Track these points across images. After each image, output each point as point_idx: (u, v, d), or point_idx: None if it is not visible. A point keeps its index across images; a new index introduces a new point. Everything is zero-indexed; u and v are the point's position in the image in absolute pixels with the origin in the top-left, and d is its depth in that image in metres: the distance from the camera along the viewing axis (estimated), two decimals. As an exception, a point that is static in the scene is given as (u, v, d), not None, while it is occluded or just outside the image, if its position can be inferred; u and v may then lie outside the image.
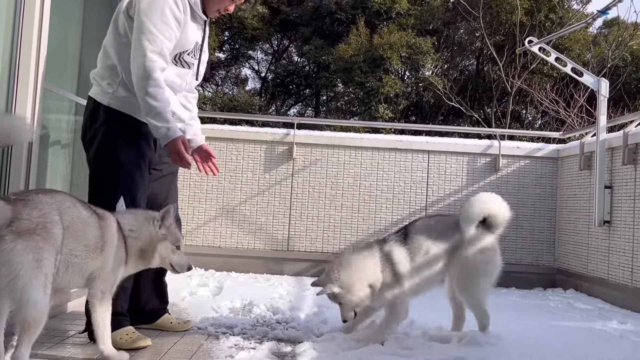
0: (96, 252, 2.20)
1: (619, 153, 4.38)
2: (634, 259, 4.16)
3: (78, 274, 2.16)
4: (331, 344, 2.69)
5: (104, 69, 2.67)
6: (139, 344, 2.57)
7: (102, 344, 2.30)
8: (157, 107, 2.48)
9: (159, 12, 2.51)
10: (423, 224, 2.97)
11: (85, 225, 2.15)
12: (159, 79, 2.49)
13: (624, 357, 2.71)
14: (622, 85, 12.99)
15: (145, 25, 2.48)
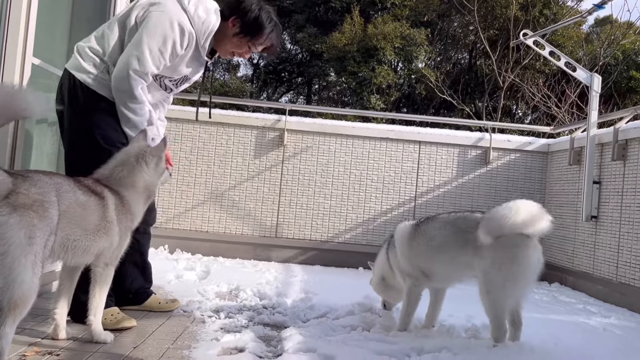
0: (99, 233, 2.15)
1: (609, 149, 4.41)
2: (619, 254, 4.20)
3: (82, 254, 2.13)
4: (317, 329, 2.69)
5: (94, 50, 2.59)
6: (123, 324, 2.56)
7: (93, 316, 2.28)
8: (134, 120, 2.54)
9: (161, 39, 2.52)
10: (442, 217, 2.82)
11: (84, 209, 2.09)
12: (140, 96, 2.53)
13: (607, 350, 2.74)
14: (612, 83, 13.07)
15: (142, 45, 2.49)
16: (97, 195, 2.18)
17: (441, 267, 2.75)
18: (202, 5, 2.67)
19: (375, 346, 2.43)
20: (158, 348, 2.32)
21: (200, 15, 2.63)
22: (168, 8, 2.55)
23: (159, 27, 2.51)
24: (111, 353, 2.20)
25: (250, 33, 2.77)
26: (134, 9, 2.62)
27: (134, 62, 2.48)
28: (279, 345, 2.46)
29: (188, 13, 2.59)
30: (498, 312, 2.55)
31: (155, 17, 2.53)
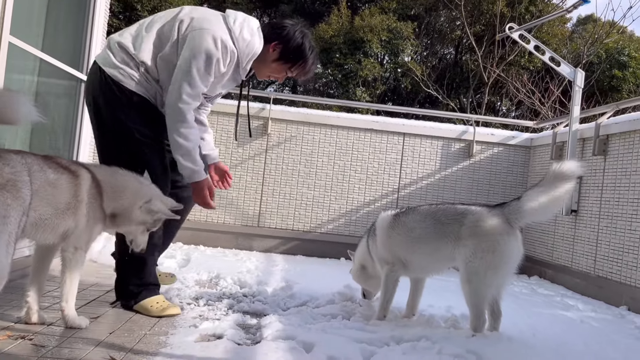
0: (68, 212, 2.12)
1: (590, 144, 4.45)
2: (597, 248, 4.25)
3: (50, 232, 2.10)
4: (297, 317, 2.67)
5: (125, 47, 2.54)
6: (168, 311, 2.59)
7: (65, 302, 2.24)
8: (186, 146, 2.52)
9: (206, 62, 2.48)
10: (424, 209, 2.82)
11: (55, 188, 2.07)
12: (191, 120, 2.53)
13: (583, 341, 2.76)
14: (595, 81, 13.23)
15: (191, 68, 2.47)
16: (70, 173, 2.15)
17: (420, 258, 2.76)
18: (247, 25, 2.61)
19: (354, 334, 2.42)
20: (135, 334, 2.29)
21: (245, 37, 2.59)
22: (212, 26, 2.51)
23: (204, 46, 2.47)
24: (86, 338, 2.16)
25: (291, 61, 2.73)
26: (176, 21, 2.55)
27: (186, 87, 2.48)
28: (257, 333, 2.44)
29: (233, 33, 2.55)
30: (478, 302, 2.57)
31: (200, 35, 2.48)
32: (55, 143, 3.75)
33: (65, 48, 3.70)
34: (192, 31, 2.49)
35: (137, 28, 2.61)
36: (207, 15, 2.58)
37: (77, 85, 3.78)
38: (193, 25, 2.51)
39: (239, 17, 2.62)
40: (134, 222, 2.36)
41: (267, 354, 2.08)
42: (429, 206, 2.84)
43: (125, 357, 1.98)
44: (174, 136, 2.51)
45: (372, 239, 2.91)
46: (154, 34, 2.55)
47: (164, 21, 2.58)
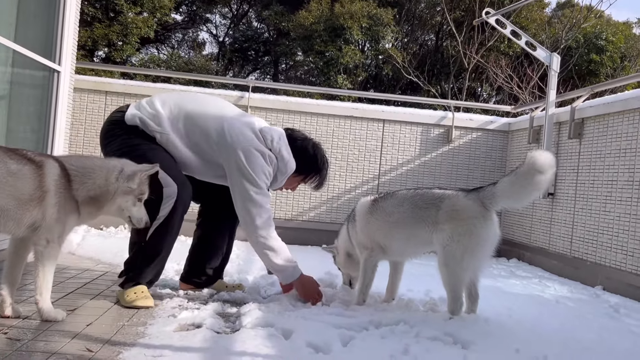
0: (32, 203, 2.10)
1: (566, 127, 4.51)
2: (573, 229, 4.33)
3: (13, 223, 2.08)
4: (276, 305, 2.68)
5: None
6: (137, 303, 2.56)
7: (39, 295, 2.21)
8: (274, 259, 2.71)
9: (260, 171, 2.65)
10: (401, 194, 2.84)
11: (17, 178, 2.06)
12: (273, 237, 2.71)
13: (558, 320, 2.83)
14: (573, 66, 13.37)
15: (255, 181, 2.64)
16: (34, 164, 2.12)
17: (399, 242, 2.78)
18: (284, 144, 2.75)
19: (333, 320, 2.44)
20: (113, 325, 2.28)
21: (284, 156, 2.75)
22: (258, 146, 2.67)
23: (258, 160, 2.64)
24: (63, 331, 2.14)
25: (305, 173, 2.89)
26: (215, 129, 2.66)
27: (254, 210, 2.64)
28: (237, 321, 2.44)
29: (274, 152, 2.72)
30: (455, 285, 2.60)
31: (250, 154, 2.63)
32: (30, 133, 3.69)
33: (38, 38, 3.62)
34: (241, 150, 2.63)
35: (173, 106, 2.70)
36: (247, 133, 2.68)
37: (50, 75, 3.72)
38: (240, 141, 2.64)
39: (274, 135, 2.75)
40: (117, 197, 2.30)
41: (245, 341, 2.09)
42: (406, 191, 2.86)
43: (102, 348, 1.98)
44: (263, 255, 2.71)
45: (352, 225, 2.93)
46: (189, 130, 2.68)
47: (204, 129, 2.68)
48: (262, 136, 2.72)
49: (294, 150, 2.81)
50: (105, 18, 14.37)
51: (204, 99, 2.86)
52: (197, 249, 3.02)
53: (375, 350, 2.09)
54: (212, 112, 2.75)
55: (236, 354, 1.94)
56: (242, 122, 2.75)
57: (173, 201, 2.61)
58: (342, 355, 2.02)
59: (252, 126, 2.74)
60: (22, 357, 1.84)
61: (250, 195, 2.64)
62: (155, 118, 2.66)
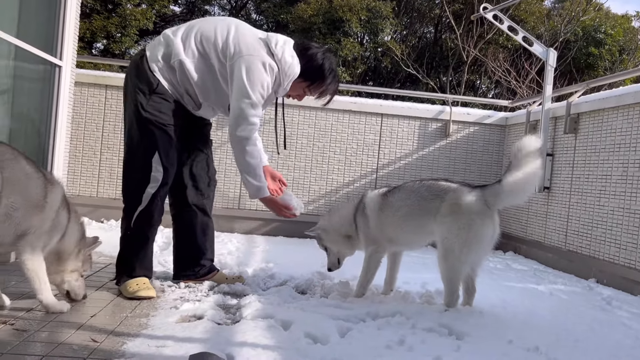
0: (36, 209, 2.17)
1: (562, 122, 4.56)
2: (568, 223, 4.39)
3: (12, 227, 2.13)
4: (276, 296, 2.74)
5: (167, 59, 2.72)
6: (140, 293, 2.64)
7: (41, 295, 2.26)
8: (252, 164, 2.71)
9: (259, 84, 2.65)
10: (408, 186, 2.89)
11: (29, 179, 2.12)
12: (255, 139, 2.70)
13: (551, 312, 2.89)
14: (571, 59, 13.38)
15: (249, 92, 2.63)
16: (46, 179, 2.23)
17: (407, 234, 2.85)
18: (288, 48, 2.75)
19: (331, 312, 2.50)
20: (116, 316, 2.34)
21: (287, 60, 2.73)
22: (259, 52, 2.67)
23: (256, 72, 2.64)
24: (68, 322, 2.20)
25: (310, 79, 2.85)
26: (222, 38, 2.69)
27: (250, 110, 2.64)
28: (237, 313, 2.50)
29: (276, 56, 2.70)
30: (453, 278, 2.66)
31: (249, 61, 2.64)
32: (33, 127, 3.72)
33: (39, 33, 3.65)
34: (241, 57, 2.65)
35: (185, 30, 2.76)
36: (252, 40, 2.70)
37: (52, 70, 3.74)
38: (241, 50, 2.66)
39: (280, 40, 2.76)
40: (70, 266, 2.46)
41: (245, 332, 2.15)
42: (413, 183, 2.91)
43: (107, 339, 2.03)
44: (242, 156, 2.70)
45: (363, 218, 2.93)
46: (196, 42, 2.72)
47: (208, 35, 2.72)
48: (267, 41, 2.73)
49: (302, 56, 2.79)
50: (104, 10, 14.33)
51: (217, 17, 2.91)
52: (181, 243, 3.05)
53: (372, 340, 2.15)
54: (221, 23, 2.79)
55: (237, 345, 1.99)
56: (249, 31, 2.78)
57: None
58: (340, 345, 2.08)
59: (257, 34, 2.77)
60: (29, 347, 1.90)
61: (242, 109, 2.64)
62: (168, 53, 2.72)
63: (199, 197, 3.00)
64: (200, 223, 3.02)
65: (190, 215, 3.00)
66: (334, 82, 2.90)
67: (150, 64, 2.73)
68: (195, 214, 3.00)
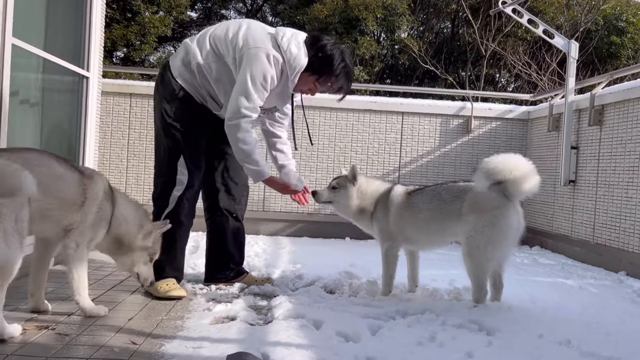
0: (74, 207, 2.24)
1: (586, 114, 4.51)
2: (595, 216, 4.35)
3: (54, 224, 2.23)
4: (305, 296, 2.79)
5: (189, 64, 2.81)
6: (172, 293, 2.75)
7: (78, 295, 2.35)
8: (246, 150, 2.74)
9: (261, 75, 2.67)
10: (430, 189, 2.90)
11: (61, 181, 2.20)
12: (247, 126, 2.72)
13: (581, 306, 2.88)
14: (593, 49, 13.17)
15: (248, 84, 2.66)
16: (83, 175, 2.30)
17: (428, 236, 2.87)
18: (295, 40, 2.76)
19: (361, 310, 2.54)
20: (152, 319, 2.40)
21: (292, 51, 2.73)
22: (265, 44, 2.70)
23: (259, 64, 2.66)
24: (107, 325, 2.28)
25: (318, 72, 2.81)
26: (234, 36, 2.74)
27: (244, 101, 2.67)
28: (269, 313, 2.55)
29: (281, 48, 2.71)
30: (479, 274, 2.68)
31: (255, 54, 2.67)
32: (63, 137, 3.84)
33: (66, 46, 3.76)
34: (248, 50, 2.68)
35: (201, 35, 2.86)
36: (260, 34, 2.74)
37: (80, 81, 3.86)
38: (248, 43, 2.70)
39: (287, 32, 2.79)
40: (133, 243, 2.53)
41: (278, 332, 2.20)
42: (435, 186, 2.93)
43: (146, 341, 2.10)
44: (235, 143, 2.74)
45: (384, 210, 2.92)
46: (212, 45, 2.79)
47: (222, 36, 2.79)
48: (275, 35, 2.75)
49: (312, 47, 2.77)
50: (123, 19, 14.57)
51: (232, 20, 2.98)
52: (212, 247, 3.13)
53: (403, 338, 2.18)
54: (233, 23, 2.85)
55: (271, 344, 2.04)
56: (259, 26, 2.81)
57: None
58: (371, 343, 2.11)
59: (267, 29, 2.80)
60: (72, 350, 1.97)
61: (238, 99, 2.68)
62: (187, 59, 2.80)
63: (231, 202, 3.06)
64: (231, 228, 3.08)
65: (222, 220, 3.07)
66: (344, 75, 2.82)
67: (173, 72, 2.83)
68: (227, 219, 3.07)
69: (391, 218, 2.90)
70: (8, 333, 2.02)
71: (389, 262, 2.90)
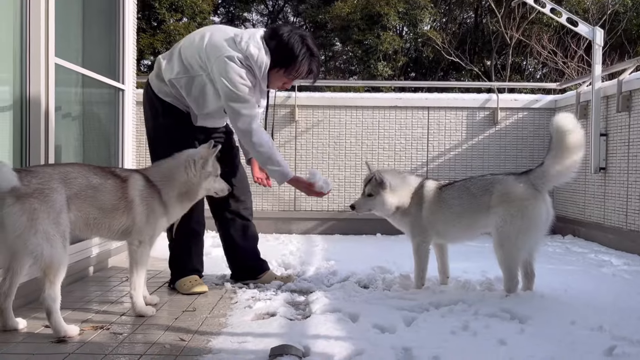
0: (118, 212, 2.43)
1: (614, 101, 4.49)
2: (628, 202, 4.33)
3: (104, 229, 2.44)
4: (341, 291, 2.89)
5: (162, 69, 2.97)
6: (195, 289, 2.95)
7: (134, 290, 2.54)
8: (263, 152, 2.85)
9: (238, 77, 2.76)
10: (459, 184, 2.95)
11: (97, 191, 2.39)
12: (258, 128, 2.83)
13: (614, 293, 2.90)
14: (622, 31, 12.88)
15: (232, 90, 2.77)
16: (118, 178, 2.48)
17: (458, 230, 2.93)
18: (253, 40, 2.84)
19: (396, 303, 2.62)
20: (197, 317, 2.54)
21: (253, 52, 2.81)
22: (227, 51, 2.78)
23: (229, 68, 2.75)
24: (156, 324, 2.42)
25: (282, 65, 2.88)
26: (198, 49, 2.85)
27: (239, 104, 2.78)
28: (307, 308, 2.66)
29: (242, 51, 2.80)
30: (510, 264, 2.74)
31: (221, 62, 2.76)
32: (103, 148, 4.03)
33: (103, 61, 3.94)
34: (215, 60, 2.79)
35: (172, 50, 3.00)
36: (219, 42, 2.82)
37: (116, 94, 4.04)
38: (214, 54, 2.79)
39: (245, 35, 2.86)
40: (203, 183, 2.65)
41: (317, 326, 2.30)
42: (463, 181, 2.99)
43: (193, 338, 2.24)
44: (253, 149, 2.87)
45: (417, 206, 2.97)
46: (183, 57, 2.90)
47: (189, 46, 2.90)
48: (234, 39, 2.83)
49: (272, 40, 2.84)
50: (149, 27, 14.94)
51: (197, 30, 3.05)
52: (227, 249, 3.27)
53: (437, 327, 2.26)
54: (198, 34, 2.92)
55: (311, 337, 2.15)
56: (219, 33, 2.87)
57: None
58: (407, 333, 2.20)
59: (227, 34, 2.85)
60: (127, 348, 2.12)
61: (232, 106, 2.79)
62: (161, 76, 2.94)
63: (235, 204, 3.19)
64: (239, 228, 3.21)
65: (228, 223, 3.21)
66: (309, 59, 2.85)
67: (154, 89, 2.98)
68: (234, 220, 3.21)
69: (423, 213, 2.97)
70: (68, 333, 2.18)
71: (420, 256, 2.98)
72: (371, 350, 1.99)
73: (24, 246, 2.12)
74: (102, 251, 3.62)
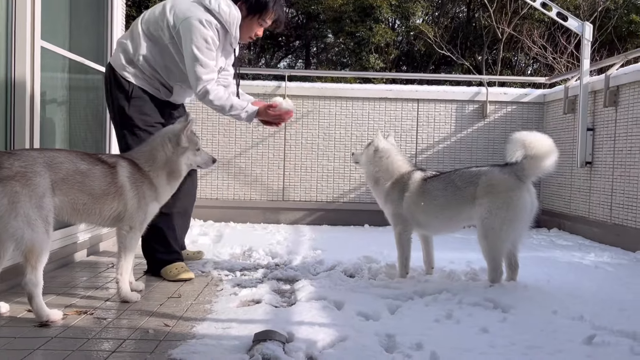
0: (108, 197, 2.41)
1: (601, 96, 4.52)
2: (612, 196, 4.38)
3: (95, 215, 2.42)
4: (326, 280, 2.90)
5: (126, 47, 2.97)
6: (181, 276, 2.97)
7: (119, 275, 2.53)
8: (223, 103, 2.95)
9: (203, 41, 2.84)
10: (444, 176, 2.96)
11: (85, 177, 2.37)
12: (213, 87, 2.91)
13: (596, 284, 2.94)
14: (612, 28, 12.96)
15: (195, 54, 2.84)
16: (106, 165, 2.45)
17: (441, 222, 2.95)
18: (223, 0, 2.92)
19: (380, 292, 2.64)
20: (182, 304, 2.54)
21: (224, 10, 2.90)
22: (194, 12, 2.85)
23: (195, 31, 2.82)
24: (140, 310, 2.42)
25: (257, 11, 3.03)
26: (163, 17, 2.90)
27: (200, 69, 2.85)
28: (292, 296, 2.67)
29: (213, 11, 2.88)
30: (495, 255, 2.76)
31: (188, 24, 2.83)
32: (89, 133, 3.99)
33: (90, 46, 3.90)
34: (181, 23, 2.85)
35: (131, 29, 3.01)
36: (185, 5, 2.90)
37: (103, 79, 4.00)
38: (178, 17, 2.87)
39: None
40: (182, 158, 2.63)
41: (302, 313, 2.31)
42: (448, 173, 3.00)
43: (177, 323, 2.24)
44: (212, 105, 2.94)
45: (399, 194, 2.99)
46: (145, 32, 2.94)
47: (152, 19, 2.95)
48: (203, 2, 2.89)
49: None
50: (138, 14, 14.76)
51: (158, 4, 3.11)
52: None
53: (421, 316, 2.28)
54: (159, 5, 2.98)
55: (295, 324, 2.16)
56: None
57: None
58: (391, 321, 2.22)
59: None
60: (110, 332, 2.12)
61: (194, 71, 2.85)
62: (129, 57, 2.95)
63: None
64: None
65: None
66: (279, 7, 3.07)
67: (121, 72, 2.96)
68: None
69: (405, 203, 2.98)
70: (50, 317, 2.17)
71: (402, 245, 3.00)
72: (355, 337, 2.00)
73: (5, 229, 2.11)
74: (93, 236, 3.61)
